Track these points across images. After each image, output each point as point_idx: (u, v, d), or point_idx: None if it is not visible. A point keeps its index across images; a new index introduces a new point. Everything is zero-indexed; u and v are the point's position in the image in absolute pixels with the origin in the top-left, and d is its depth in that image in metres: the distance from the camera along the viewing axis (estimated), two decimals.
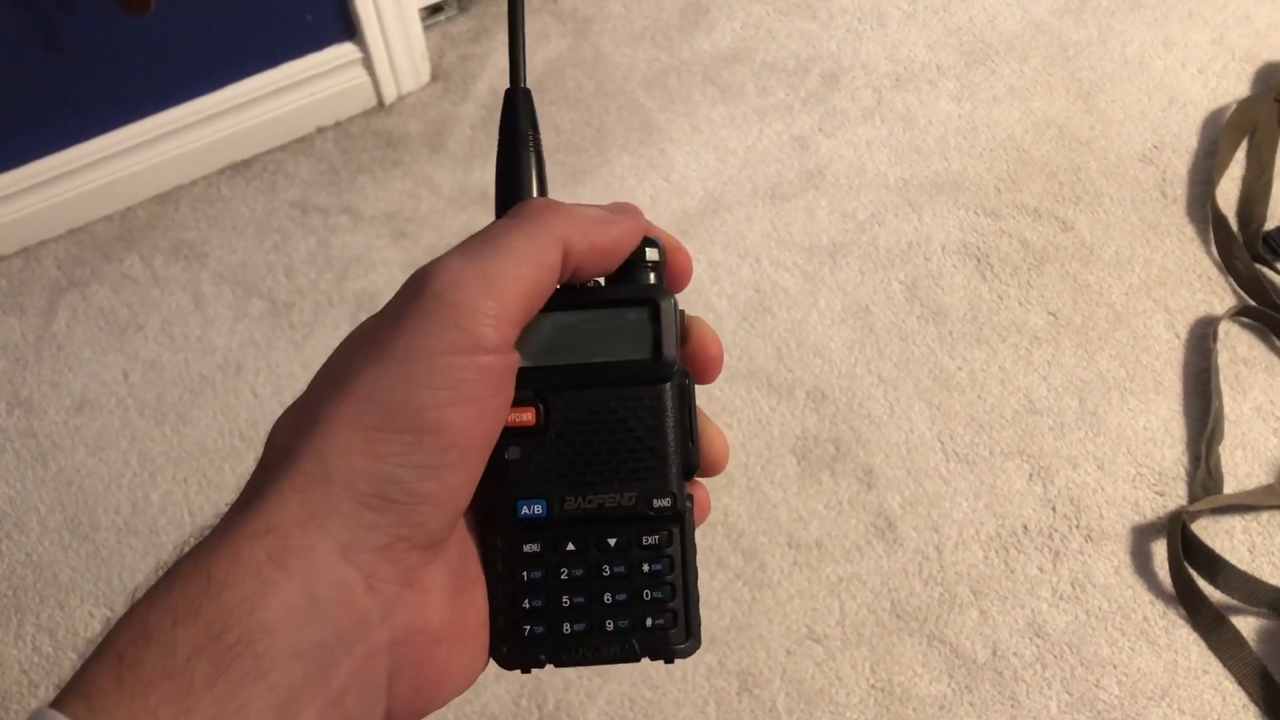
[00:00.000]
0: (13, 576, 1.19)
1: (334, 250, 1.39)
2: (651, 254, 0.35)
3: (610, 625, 0.34)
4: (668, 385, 0.35)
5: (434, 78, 1.54)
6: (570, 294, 0.35)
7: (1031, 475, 1.21)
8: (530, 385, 0.34)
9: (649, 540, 0.35)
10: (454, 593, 0.33)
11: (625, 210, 0.35)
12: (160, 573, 0.29)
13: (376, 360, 0.30)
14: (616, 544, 0.35)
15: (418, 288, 0.31)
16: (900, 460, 1.23)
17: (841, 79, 1.53)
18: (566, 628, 0.34)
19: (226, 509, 0.31)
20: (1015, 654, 1.12)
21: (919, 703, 1.10)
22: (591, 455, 0.34)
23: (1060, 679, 1.11)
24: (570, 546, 0.35)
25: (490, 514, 0.35)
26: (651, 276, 0.35)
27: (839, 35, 1.58)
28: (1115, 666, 1.11)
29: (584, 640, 0.34)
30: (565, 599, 0.34)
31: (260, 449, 0.32)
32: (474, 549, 0.35)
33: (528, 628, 0.34)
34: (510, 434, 0.34)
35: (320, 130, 1.49)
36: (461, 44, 1.58)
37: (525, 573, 0.34)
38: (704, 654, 1.12)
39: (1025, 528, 1.18)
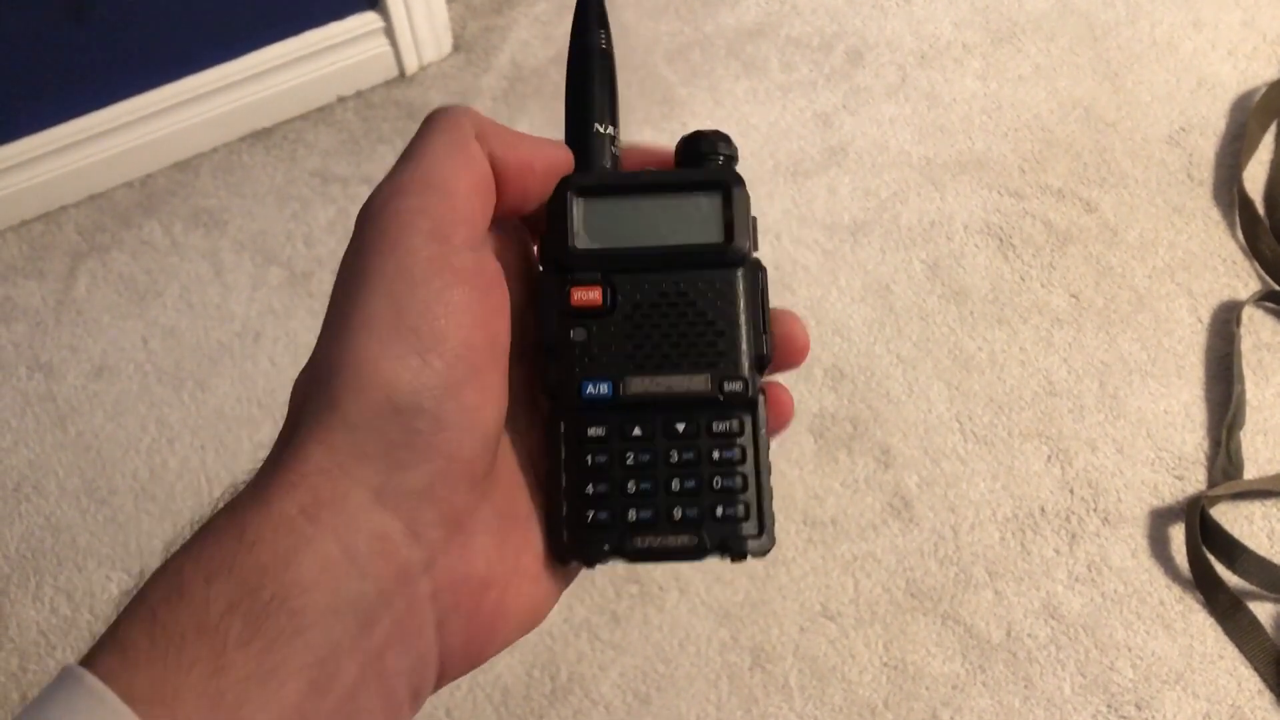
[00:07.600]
0: (31, 539, 1.20)
1: (353, 220, 1.38)
2: (725, 148, 0.35)
3: (678, 514, 0.33)
4: (740, 270, 0.34)
5: (456, 48, 1.53)
6: (640, 176, 0.34)
7: (1050, 457, 1.21)
8: (597, 266, 0.33)
9: (720, 426, 0.33)
10: (502, 534, 0.32)
11: (555, 142, 0.35)
12: (193, 529, 0.29)
13: (358, 292, 0.31)
14: (685, 429, 0.33)
15: (368, 213, 0.32)
16: (918, 440, 1.22)
17: (866, 56, 1.51)
18: (632, 514, 0.33)
19: (260, 464, 0.30)
20: (1030, 635, 1.12)
21: (932, 682, 1.10)
22: (660, 337, 0.33)
23: (1074, 661, 1.10)
24: (637, 431, 0.33)
25: (554, 396, 0.34)
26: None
27: (865, 11, 1.56)
28: (1130, 650, 1.11)
29: (650, 528, 0.33)
30: (631, 484, 0.33)
31: (278, 417, 0.32)
32: (523, 486, 0.34)
33: (591, 513, 0.33)
34: (576, 314, 0.33)
35: (341, 100, 1.48)
36: (484, 15, 1.56)
37: (589, 456, 0.33)
38: (717, 629, 1.12)
39: (1043, 509, 1.18)
